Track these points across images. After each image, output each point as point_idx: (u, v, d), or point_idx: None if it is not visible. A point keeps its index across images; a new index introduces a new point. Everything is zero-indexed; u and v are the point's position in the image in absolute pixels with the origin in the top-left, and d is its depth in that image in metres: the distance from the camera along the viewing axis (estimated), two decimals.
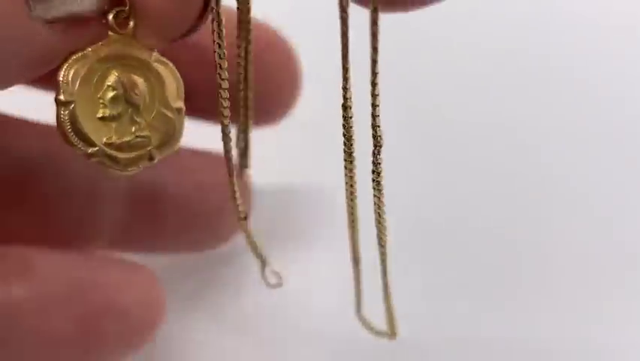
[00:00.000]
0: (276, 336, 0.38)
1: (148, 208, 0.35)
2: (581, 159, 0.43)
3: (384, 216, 0.29)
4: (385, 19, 0.25)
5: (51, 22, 0.26)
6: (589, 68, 0.45)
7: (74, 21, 0.26)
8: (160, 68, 0.29)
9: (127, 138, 0.29)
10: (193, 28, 0.28)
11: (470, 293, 0.39)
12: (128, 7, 0.28)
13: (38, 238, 0.31)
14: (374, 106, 0.28)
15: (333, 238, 0.36)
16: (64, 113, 0.28)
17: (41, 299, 0.29)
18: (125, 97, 0.28)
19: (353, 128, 0.28)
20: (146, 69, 0.29)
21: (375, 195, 0.29)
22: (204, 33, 0.28)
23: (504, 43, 0.46)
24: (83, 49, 0.28)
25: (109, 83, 0.28)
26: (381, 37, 0.25)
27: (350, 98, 0.28)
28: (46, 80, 0.28)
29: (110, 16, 0.28)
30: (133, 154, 0.29)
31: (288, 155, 0.42)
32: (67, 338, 0.30)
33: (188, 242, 0.38)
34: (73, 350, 0.31)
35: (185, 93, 0.29)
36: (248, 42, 0.31)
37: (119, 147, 0.29)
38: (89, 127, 0.28)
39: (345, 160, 0.28)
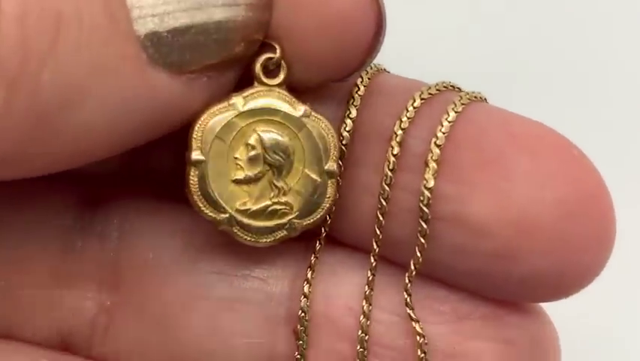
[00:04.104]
0: None
1: None
2: None
3: None
4: None
5: (175, 72, 0.22)
6: None
7: (202, 71, 0.23)
8: (311, 124, 0.24)
9: (263, 205, 0.24)
10: (358, 68, 0.24)
11: None
12: (278, 55, 0.23)
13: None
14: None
15: None
16: (194, 173, 0.24)
17: None
18: (265, 158, 0.24)
19: None
20: (294, 125, 0.24)
21: None
22: None
23: None
24: (220, 101, 0.24)
25: (248, 141, 0.24)
26: None
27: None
28: None
29: (258, 65, 0.23)
30: (269, 223, 0.25)
31: None
32: None
33: None
34: None
35: None
36: None
37: (254, 214, 0.24)
38: (220, 190, 0.24)
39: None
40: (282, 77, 0.24)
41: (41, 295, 0.27)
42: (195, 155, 0.24)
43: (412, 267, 0.25)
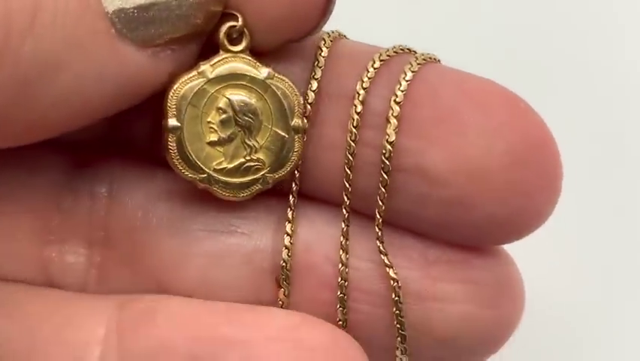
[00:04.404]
0: None
1: None
2: None
3: None
4: None
5: (141, 46, 0.24)
6: None
7: (167, 44, 0.25)
8: (276, 85, 0.26)
9: (238, 163, 0.27)
10: (314, 29, 0.26)
11: None
12: (241, 23, 0.25)
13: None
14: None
15: None
16: (172, 139, 0.26)
17: (162, 353, 0.27)
18: (236, 120, 0.26)
19: None
20: (260, 87, 0.26)
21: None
22: None
23: None
24: (190, 70, 0.26)
25: (219, 106, 0.26)
26: None
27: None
28: None
29: (222, 33, 0.25)
30: (245, 179, 0.27)
31: None
32: None
33: None
34: None
35: None
36: None
37: (230, 172, 0.27)
38: (197, 153, 0.26)
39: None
40: (244, 43, 0.26)
41: (32, 249, 0.28)
42: (172, 122, 0.26)
43: (378, 215, 0.27)
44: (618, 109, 0.41)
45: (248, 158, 0.27)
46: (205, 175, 0.26)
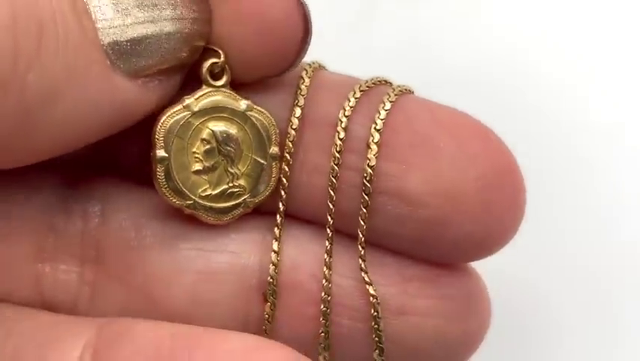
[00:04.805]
0: None
1: None
2: None
3: None
4: None
5: (132, 76, 0.26)
6: None
7: (155, 75, 0.26)
8: (255, 116, 0.28)
9: (221, 189, 0.28)
10: (290, 67, 0.28)
11: None
12: (222, 60, 0.27)
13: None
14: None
15: None
16: (160, 169, 0.28)
17: None
18: (219, 149, 0.28)
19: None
20: (240, 119, 0.28)
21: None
22: None
23: None
24: (175, 104, 0.28)
25: (203, 137, 0.28)
26: None
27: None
28: None
29: (204, 69, 0.27)
30: (228, 204, 0.29)
31: None
32: None
33: None
34: None
35: None
36: None
37: (214, 198, 0.28)
38: (184, 181, 0.28)
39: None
40: (225, 78, 0.28)
41: (26, 268, 0.29)
42: (160, 153, 0.27)
43: (360, 235, 0.29)
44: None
45: (230, 184, 0.28)
46: (191, 202, 0.28)
